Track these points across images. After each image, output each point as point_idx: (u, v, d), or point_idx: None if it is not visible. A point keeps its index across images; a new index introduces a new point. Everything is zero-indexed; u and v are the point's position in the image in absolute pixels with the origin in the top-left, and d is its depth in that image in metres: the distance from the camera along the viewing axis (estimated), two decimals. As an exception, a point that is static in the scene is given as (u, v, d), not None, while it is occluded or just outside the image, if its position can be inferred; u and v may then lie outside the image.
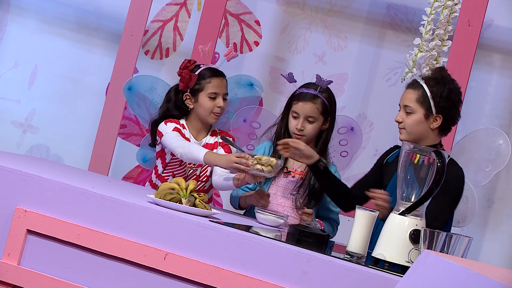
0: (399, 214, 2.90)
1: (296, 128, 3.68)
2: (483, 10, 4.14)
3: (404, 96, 3.50)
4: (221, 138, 3.86)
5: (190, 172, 3.84)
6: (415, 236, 2.84)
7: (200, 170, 3.84)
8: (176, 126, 3.79)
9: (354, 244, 2.93)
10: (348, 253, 2.93)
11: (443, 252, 2.66)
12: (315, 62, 4.99)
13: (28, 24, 5.32)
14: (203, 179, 3.85)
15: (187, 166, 3.83)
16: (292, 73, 3.71)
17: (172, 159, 3.84)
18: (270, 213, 3.35)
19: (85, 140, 5.15)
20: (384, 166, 3.63)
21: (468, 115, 4.69)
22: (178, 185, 3.04)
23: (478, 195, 4.69)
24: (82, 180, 3.28)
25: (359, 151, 4.13)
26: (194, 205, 3.01)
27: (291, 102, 3.73)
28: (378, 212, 2.96)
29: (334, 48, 4.99)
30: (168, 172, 3.85)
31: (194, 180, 3.78)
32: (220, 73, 3.86)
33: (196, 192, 3.06)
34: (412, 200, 2.91)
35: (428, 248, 2.67)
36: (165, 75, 4.89)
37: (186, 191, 3.03)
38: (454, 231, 3.28)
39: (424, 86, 3.44)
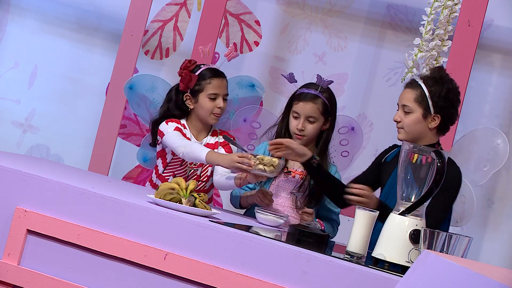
0: (399, 214, 2.90)
1: (297, 128, 3.68)
2: (483, 10, 4.14)
3: (403, 95, 3.50)
4: (223, 137, 3.86)
5: (190, 172, 3.84)
6: (415, 236, 2.84)
7: (201, 170, 3.84)
8: (177, 125, 3.78)
9: (354, 244, 2.93)
10: (348, 253, 2.93)
11: (443, 252, 2.66)
12: (315, 62, 4.99)
13: (28, 24, 5.31)
14: (204, 179, 3.84)
15: (188, 166, 3.83)
16: (292, 73, 3.71)
17: (173, 159, 3.84)
18: (270, 213, 3.35)
19: (85, 140, 5.15)
20: (383, 165, 3.63)
21: (468, 115, 4.69)
22: (178, 185, 3.04)
23: (478, 195, 4.69)
24: (82, 180, 3.28)
25: (359, 151, 4.12)
26: (194, 205, 3.01)
27: (291, 102, 3.73)
28: (378, 212, 2.96)
29: (334, 48, 4.99)
30: (168, 172, 3.85)
31: (195, 180, 3.78)
32: (220, 73, 3.85)
33: (196, 192, 3.06)
34: (412, 200, 2.90)
35: (428, 248, 2.67)
36: (165, 75, 4.88)
37: (186, 191, 3.03)
38: (454, 231, 3.28)
39: (422, 85, 3.44)
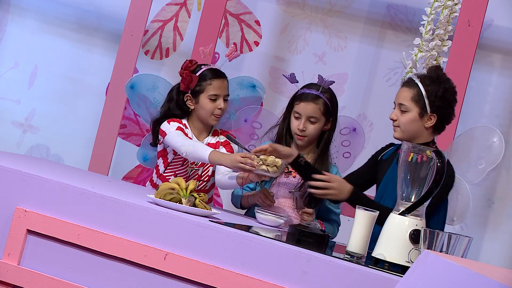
0: (399, 214, 2.90)
1: (298, 129, 3.67)
2: (483, 10, 4.14)
3: (399, 94, 3.50)
4: (226, 137, 3.85)
5: (192, 171, 3.84)
6: (415, 236, 2.84)
7: (202, 170, 3.84)
8: (179, 125, 3.78)
9: (354, 244, 2.93)
10: (348, 253, 2.93)
11: (443, 252, 2.66)
12: (315, 62, 4.99)
13: (28, 24, 5.31)
14: (205, 179, 3.84)
15: (189, 166, 3.83)
16: (294, 73, 3.71)
17: (174, 159, 3.83)
18: (270, 213, 3.35)
19: (85, 140, 5.15)
20: (379, 163, 3.63)
21: (468, 115, 4.69)
22: (178, 185, 3.04)
23: (478, 195, 4.70)
24: (82, 180, 3.28)
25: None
26: (194, 205, 3.01)
27: (293, 102, 3.72)
28: (378, 212, 2.96)
29: (334, 48, 4.99)
30: (170, 172, 3.84)
31: (196, 180, 3.78)
32: (221, 74, 3.84)
33: (196, 192, 3.06)
34: (412, 200, 2.91)
35: (428, 248, 2.67)
36: (165, 75, 4.88)
37: (186, 191, 3.03)
38: (454, 231, 3.27)
39: (419, 84, 3.44)
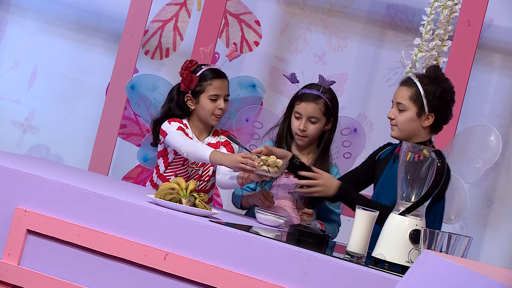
0: (399, 214, 2.90)
1: (299, 129, 3.67)
2: (483, 10, 4.14)
3: (397, 93, 3.50)
4: (226, 137, 3.85)
5: (192, 171, 3.84)
6: (415, 236, 2.84)
7: (203, 170, 3.84)
8: (180, 125, 3.78)
9: (354, 244, 2.93)
10: (348, 253, 2.93)
11: (443, 252, 2.66)
12: (315, 62, 4.99)
13: (28, 24, 5.31)
14: (205, 179, 3.84)
15: (189, 166, 3.83)
16: (294, 73, 3.71)
17: (175, 158, 3.83)
18: (270, 213, 3.35)
19: (85, 140, 5.15)
20: (376, 162, 3.63)
21: (468, 115, 4.69)
22: (178, 185, 3.04)
23: (478, 195, 4.70)
24: (82, 180, 3.27)
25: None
26: (194, 205, 3.01)
27: (293, 102, 3.72)
28: (378, 212, 2.96)
29: (334, 48, 4.99)
30: (170, 172, 3.84)
31: (196, 180, 3.78)
32: (221, 74, 3.84)
33: (196, 192, 3.06)
34: (412, 200, 2.90)
35: (428, 248, 2.67)
36: (165, 75, 4.88)
37: (186, 191, 3.03)
38: (454, 231, 3.28)
39: (417, 84, 3.45)
